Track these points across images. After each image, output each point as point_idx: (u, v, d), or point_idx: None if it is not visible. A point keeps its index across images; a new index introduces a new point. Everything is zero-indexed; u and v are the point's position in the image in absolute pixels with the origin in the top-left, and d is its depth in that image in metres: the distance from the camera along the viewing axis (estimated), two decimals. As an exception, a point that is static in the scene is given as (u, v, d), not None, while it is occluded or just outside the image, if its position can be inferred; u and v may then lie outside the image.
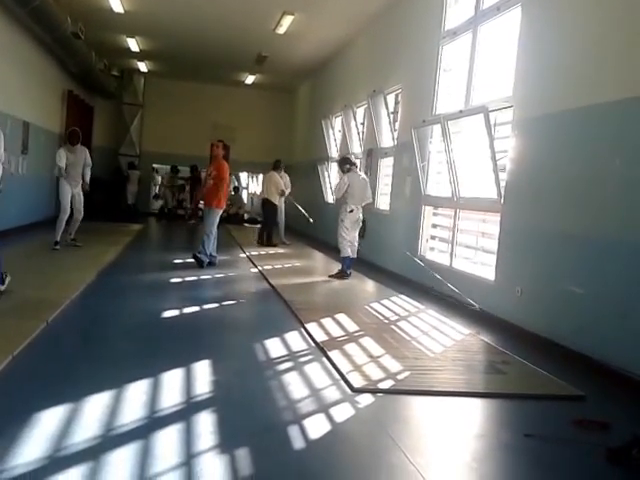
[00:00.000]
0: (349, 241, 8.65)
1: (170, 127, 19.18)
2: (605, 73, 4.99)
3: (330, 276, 8.76)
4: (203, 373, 4.15)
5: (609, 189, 4.83)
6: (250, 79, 18.27)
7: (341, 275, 8.70)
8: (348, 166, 8.76)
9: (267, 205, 12.77)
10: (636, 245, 4.51)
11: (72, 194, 9.68)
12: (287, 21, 11.68)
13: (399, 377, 4.28)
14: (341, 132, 13.51)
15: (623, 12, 4.88)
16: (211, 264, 9.18)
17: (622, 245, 4.65)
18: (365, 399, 3.84)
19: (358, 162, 9.66)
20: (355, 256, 8.78)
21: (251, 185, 23.90)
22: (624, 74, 4.76)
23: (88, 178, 9.82)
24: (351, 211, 8.63)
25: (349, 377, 4.14)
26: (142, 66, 17.95)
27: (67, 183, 9.65)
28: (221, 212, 9.23)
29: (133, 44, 14.95)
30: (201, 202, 10.50)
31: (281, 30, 12.25)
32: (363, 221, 10.87)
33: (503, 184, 6.37)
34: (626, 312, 4.50)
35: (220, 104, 19.61)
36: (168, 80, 19.45)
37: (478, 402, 4.01)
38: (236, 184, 21.07)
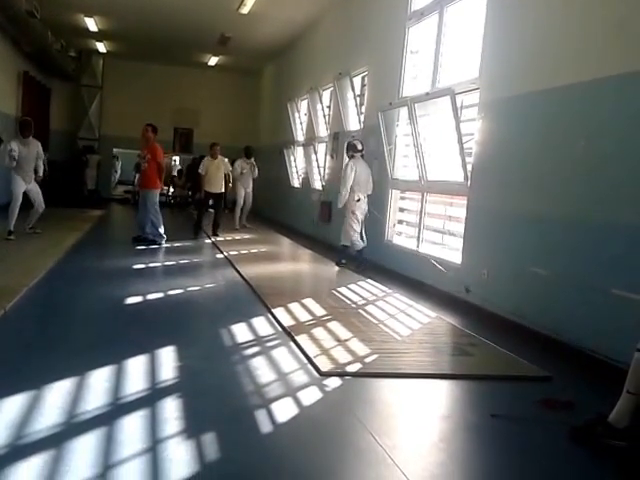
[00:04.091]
0: (358, 232, 8.25)
1: (131, 110, 18.51)
2: (571, 55, 4.99)
3: (337, 264, 8.49)
4: (168, 359, 4.08)
5: (573, 170, 4.86)
6: (213, 60, 17.97)
7: (357, 264, 8.29)
8: (351, 152, 8.33)
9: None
10: (600, 226, 4.56)
11: (27, 189, 9.06)
12: (250, 1, 11.46)
13: (366, 360, 4.27)
14: (307, 115, 13.39)
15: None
16: (146, 240, 9.54)
17: (586, 226, 4.70)
18: (332, 382, 3.82)
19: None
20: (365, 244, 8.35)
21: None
22: (590, 56, 4.78)
23: (41, 171, 9.34)
24: (358, 200, 8.23)
25: (316, 361, 4.11)
26: (101, 47, 17.50)
27: (20, 177, 8.97)
28: (158, 192, 9.72)
29: (91, 23, 14.54)
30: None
31: (245, 10, 12.02)
32: (329, 203, 10.82)
33: (470, 167, 6.38)
34: (590, 294, 4.56)
35: (183, 86, 19.27)
36: (128, 62, 18.98)
37: (445, 384, 4.03)
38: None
